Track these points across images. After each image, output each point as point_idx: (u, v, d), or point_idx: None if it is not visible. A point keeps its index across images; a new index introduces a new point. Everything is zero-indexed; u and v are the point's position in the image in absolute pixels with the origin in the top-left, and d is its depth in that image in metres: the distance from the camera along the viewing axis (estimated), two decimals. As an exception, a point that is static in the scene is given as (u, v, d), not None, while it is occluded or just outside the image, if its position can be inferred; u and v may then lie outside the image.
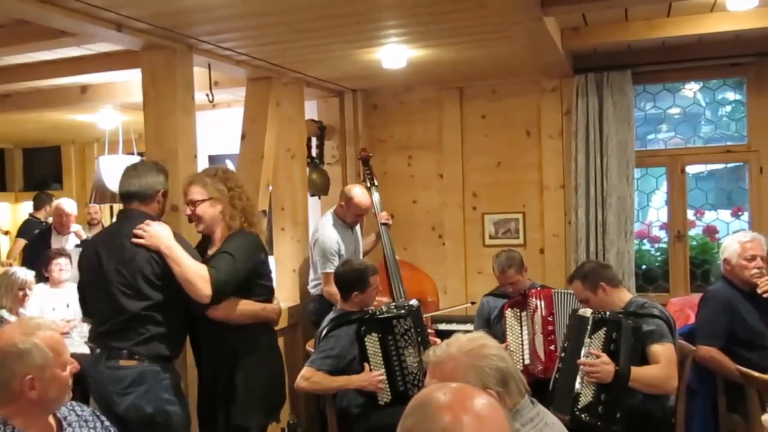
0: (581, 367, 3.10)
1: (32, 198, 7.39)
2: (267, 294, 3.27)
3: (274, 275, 4.71)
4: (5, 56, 4.24)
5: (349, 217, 4.65)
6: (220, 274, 2.93)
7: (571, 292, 3.96)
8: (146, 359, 2.92)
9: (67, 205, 6.29)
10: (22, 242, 6.65)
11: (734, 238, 3.80)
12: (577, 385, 3.10)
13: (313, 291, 4.73)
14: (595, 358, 3.08)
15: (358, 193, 4.61)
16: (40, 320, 2.23)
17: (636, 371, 3.07)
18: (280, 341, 4.53)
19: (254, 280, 3.18)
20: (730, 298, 3.64)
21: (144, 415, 2.87)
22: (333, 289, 4.43)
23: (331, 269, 4.47)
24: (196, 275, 2.89)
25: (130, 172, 3.13)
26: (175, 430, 2.96)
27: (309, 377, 3.46)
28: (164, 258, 2.92)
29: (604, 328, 3.14)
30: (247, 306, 3.14)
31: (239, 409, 3.12)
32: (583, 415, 3.07)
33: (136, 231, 2.94)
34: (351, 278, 3.69)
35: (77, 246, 6.34)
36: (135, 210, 3.07)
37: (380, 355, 3.55)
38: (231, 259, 3.00)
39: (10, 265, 5.74)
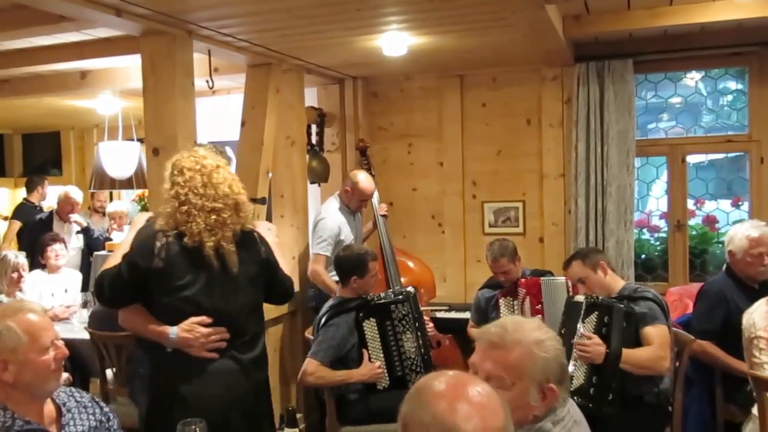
0: (574, 349, 3.15)
1: (24, 183, 7.39)
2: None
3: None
4: (4, 41, 4.22)
5: (353, 202, 4.67)
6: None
7: (561, 279, 3.98)
8: None
9: (75, 193, 6.33)
10: (17, 225, 6.65)
11: (742, 230, 3.66)
12: (571, 368, 3.12)
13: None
14: (587, 340, 3.14)
15: (363, 178, 4.64)
16: (26, 303, 2.19)
17: (627, 353, 3.11)
18: (280, 328, 4.57)
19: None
20: (725, 291, 3.62)
21: None
22: (319, 269, 4.46)
23: (322, 251, 4.50)
24: None
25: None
26: None
27: (313, 372, 3.45)
28: None
29: (596, 312, 3.22)
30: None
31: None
32: (575, 398, 3.00)
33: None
34: (351, 263, 3.70)
35: (78, 233, 6.35)
36: None
37: (379, 340, 3.58)
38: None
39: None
